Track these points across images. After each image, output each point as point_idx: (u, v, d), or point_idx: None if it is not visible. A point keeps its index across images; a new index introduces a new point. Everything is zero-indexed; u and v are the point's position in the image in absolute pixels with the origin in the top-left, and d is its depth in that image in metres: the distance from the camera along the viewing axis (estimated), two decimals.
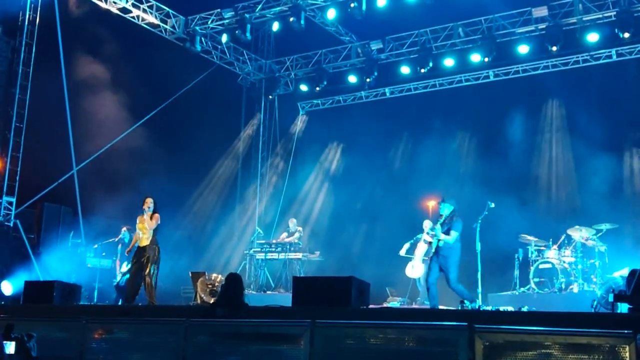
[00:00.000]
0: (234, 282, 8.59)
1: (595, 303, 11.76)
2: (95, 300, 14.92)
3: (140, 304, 13.52)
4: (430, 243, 13.54)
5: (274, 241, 17.66)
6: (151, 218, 12.03)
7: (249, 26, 18.07)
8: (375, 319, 8.12)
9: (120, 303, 13.82)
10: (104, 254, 15.88)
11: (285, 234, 17.69)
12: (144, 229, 12.05)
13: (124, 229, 14.63)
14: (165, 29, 18.78)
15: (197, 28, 18.91)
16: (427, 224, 15.15)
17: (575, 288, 13.78)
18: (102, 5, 17.20)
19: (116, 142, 17.59)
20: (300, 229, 17.74)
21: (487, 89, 19.33)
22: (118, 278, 14.18)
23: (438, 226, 11.38)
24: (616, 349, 5.49)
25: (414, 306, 14.68)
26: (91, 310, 11.88)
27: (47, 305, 11.45)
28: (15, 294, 13.79)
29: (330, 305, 9.03)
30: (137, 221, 12.19)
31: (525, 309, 11.72)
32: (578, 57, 18.00)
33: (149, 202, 12.12)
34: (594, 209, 15.37)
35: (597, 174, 16.33)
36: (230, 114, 21.92)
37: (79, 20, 16.96)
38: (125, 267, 14.03)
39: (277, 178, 22.22)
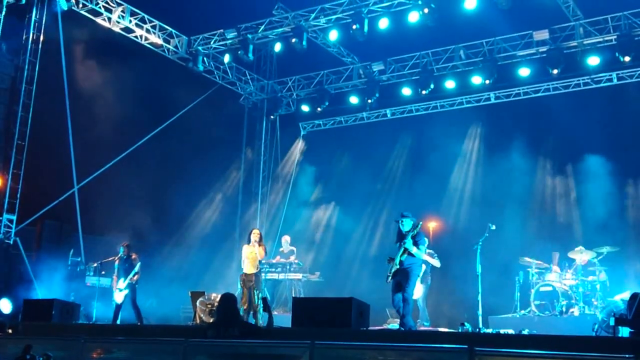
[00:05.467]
0: (225, 302, 8.56)
1: (596, 327, 11.71)
2: (94, 319, 14.84)
3: (138, 324, 13.49)
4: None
5: (273, 261, 17.58)
6: (260, 247, 12.60)
7: (251, 47, 18.19)
8: (375, 341, 8.10)
9: (118, 322, 13.75)
10: (103, 272, 15.82)
11: (278, 257, 17.59)
12: (253, 258, 12.64)
13: (123, 245, 14.50)
14: (168, 49, 18.89)
15: (200, 48, 19.01)
16: None
17: (576, 311, 13.72)
18: (106, 24, 17.31)
19: (117, 161, 17.60)
20: (293, 248, 17.68)
21: (488, 111, 19.38)
22: (115, 295, 14.05)
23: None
24: None
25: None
26: (90, 329, 11.85)
27: (45, 323, 11.42)
28: (14, 312, 13.72)
29: (330, 326, 9.01)
30: (245, 250, 12.82)
31: (526, 332, 11.68)
32: (579, 80, 18.08)
33: (259, 234, 12.81)
34: (595, 231, 15.35)
35: (598, 197, 16.32)
36: (231, 134, 21.97)
37: (82, 39, 17.06)
38: (122, 283, 13.91)
39: (277, 198, 22.20)
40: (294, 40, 17.41)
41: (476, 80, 17.97)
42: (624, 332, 9.27)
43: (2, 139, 15.42)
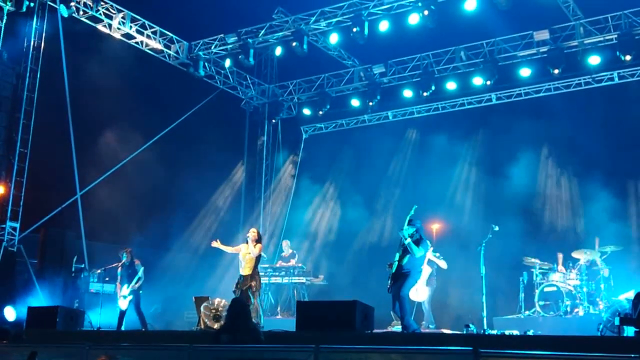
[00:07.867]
0: (236, 307, 8.52)
1: (601, 327, 11.69)
2: (98, 325, 14.83)
3: (143, 330, 13.49)
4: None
5: (277, 265, 17.59)
6: (254, 246, 12.23)
7: (252, 51, 18.21)
8: (380, 344, 8.08)
9: (123, 328, 13.74)
10: (107, 279, 15.79)
11: (280, 262, 17.56)
12: (247, 259, 12.28)
13: (125, 251, 14.49)
14: (169, 54, 18.92)
15: (201, 53, 19.04)
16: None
17: (580, 311, 13.70)
18: (106, 31, 17.35)
19: (119, 167, 17.62)
20: (294, 252, 17.66)
21: (489, 112, 19.37)
22: (119, 301, 14.06)
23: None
24: None
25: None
26: (94, 335, 11.85)
27: (50, 330, 11.42)
28: (18, 320, 13.72)
29: (335, 329, 8.99)
30: (242, 250, 12.45)
31: (530, 332, 11.66)
32: (580, 79, 18.08)
33: (252, 232, 12.50)
34: (599, 231, 15.32)
35: (601, 196, 16.29)
36: (233, 138, 21.99)
37: (83, 46, 17.09)
38: (126, 289, 13.91)
39: (280, 202, 22.20)
40: (294, 44, 17.43)
41: (477, 81, 17.96)
42: (629, 331, 9.24)
43: (4, 147, 15.45)
